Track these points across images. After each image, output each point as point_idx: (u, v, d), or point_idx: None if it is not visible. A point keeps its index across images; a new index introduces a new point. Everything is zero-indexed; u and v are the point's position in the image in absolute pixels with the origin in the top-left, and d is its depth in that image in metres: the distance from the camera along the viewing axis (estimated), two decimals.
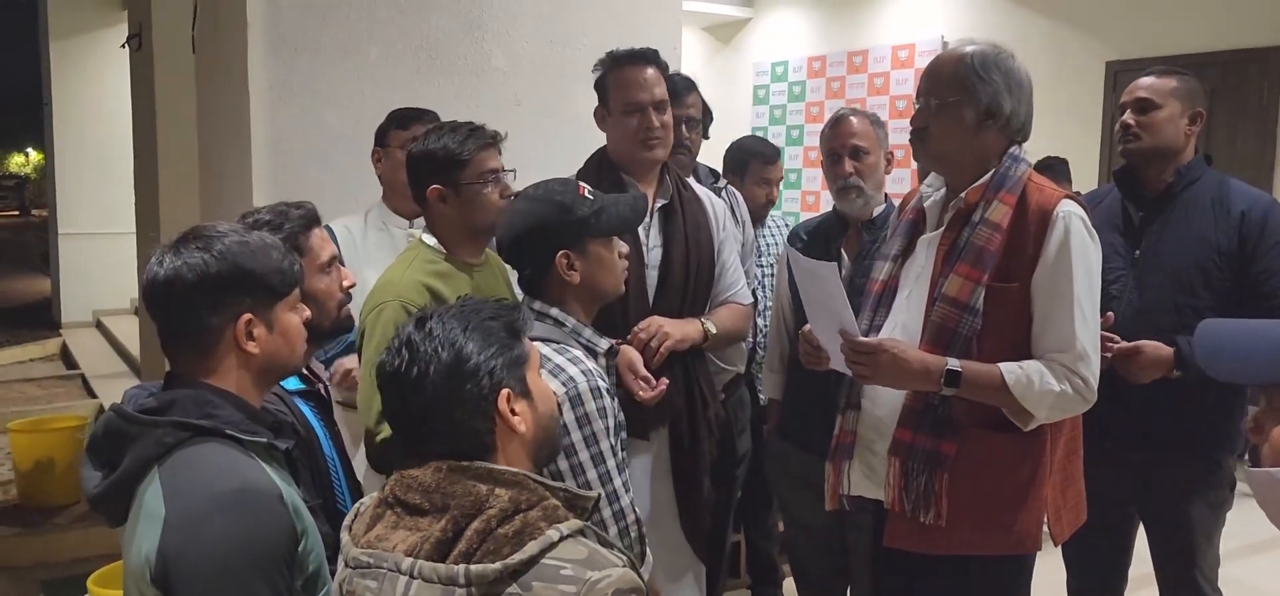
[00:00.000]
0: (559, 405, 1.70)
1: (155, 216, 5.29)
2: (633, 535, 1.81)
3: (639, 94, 2.53)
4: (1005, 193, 2.05)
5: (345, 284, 1.98)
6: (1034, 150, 2.23)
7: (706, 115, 3.34)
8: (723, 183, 3.39)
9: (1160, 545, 2.68)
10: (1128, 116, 2.64)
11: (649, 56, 2.57)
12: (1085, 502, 2.27)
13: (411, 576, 1.27)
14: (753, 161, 3.59)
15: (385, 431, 2.08)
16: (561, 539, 1.27)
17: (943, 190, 2.21)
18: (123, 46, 5.91)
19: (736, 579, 3.78)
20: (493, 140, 2.29)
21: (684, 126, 3.14)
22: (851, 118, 2.79)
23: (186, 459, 1.40)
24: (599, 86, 2.62)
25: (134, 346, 7.91)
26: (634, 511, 1.83)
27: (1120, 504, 2.66)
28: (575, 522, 1.31)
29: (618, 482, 1.79)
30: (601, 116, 2.62)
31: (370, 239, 2.85)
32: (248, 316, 1.50)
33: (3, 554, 4.49)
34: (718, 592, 2.94)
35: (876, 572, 2.37)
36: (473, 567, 1.24)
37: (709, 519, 2.58)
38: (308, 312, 1.62)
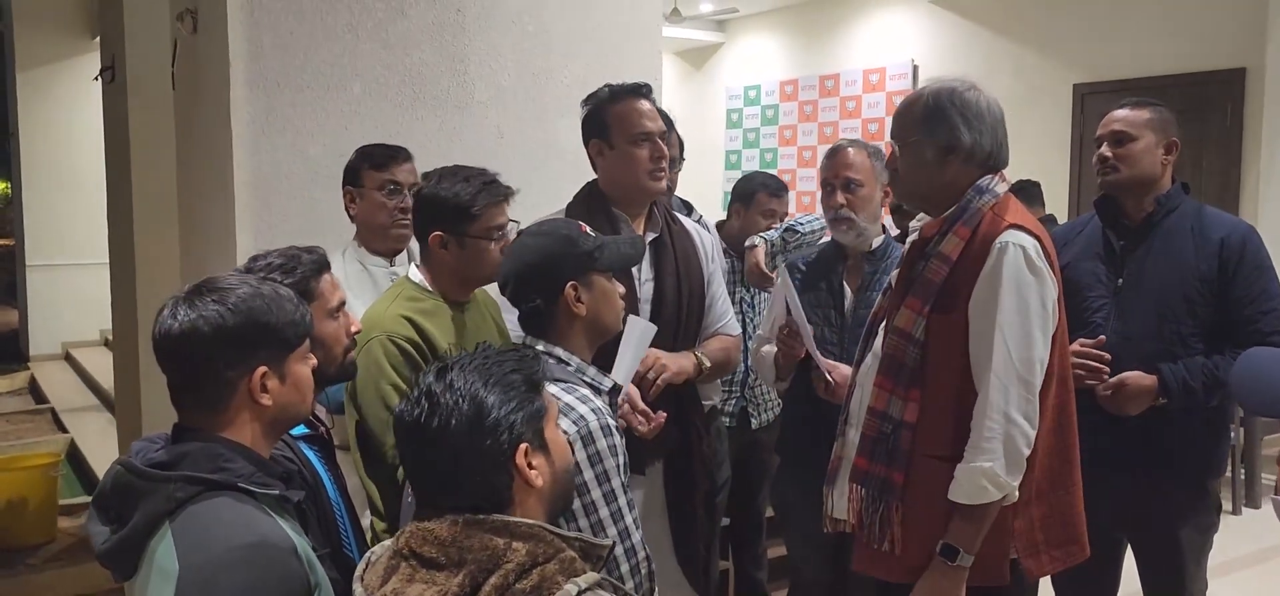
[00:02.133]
0: (571, 444, 1.71)
1: (130, 249, 5.22)
2: (643, 572, 1.83)
3: (647, 123, 2.54)
4: (961, 224, 2.09)
5: (351, 329, 1.98)
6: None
7: (681, 152, 3.37)
8: (699, 214, 3.41)
9: (1149, 570, 2.72)
10: (1105, 149, 2.68)
11: (646, 91, 2.60)
12: (1084, 540, 2.24)
13: None
14: (759, 193, 3.60)
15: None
16: (579, 593, 1.27)
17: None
18: (95, 79, 5.84)
19: None
20: (505, 195, 2.29)
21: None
22: (849, 149, 2.79)
23: (199, 514, 1.39)
24: (594, 121, 2.60)
25: (103, 379, 7.80)
26: (645, 548, 1.85)
27: (1108, 529, 2.69)
28: (592, 576, 1.31)
29: (629, 520, 1.81)
30: (598, 150, 2.60)
31: (350, 278, 2.84)
32: (263, 369, 1.49)
33: None
34: None
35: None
36: None
37: (703, 551, 2.60)
38: (314, 361, 1.61)
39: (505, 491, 1.37)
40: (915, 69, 8.18)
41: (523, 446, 1.38)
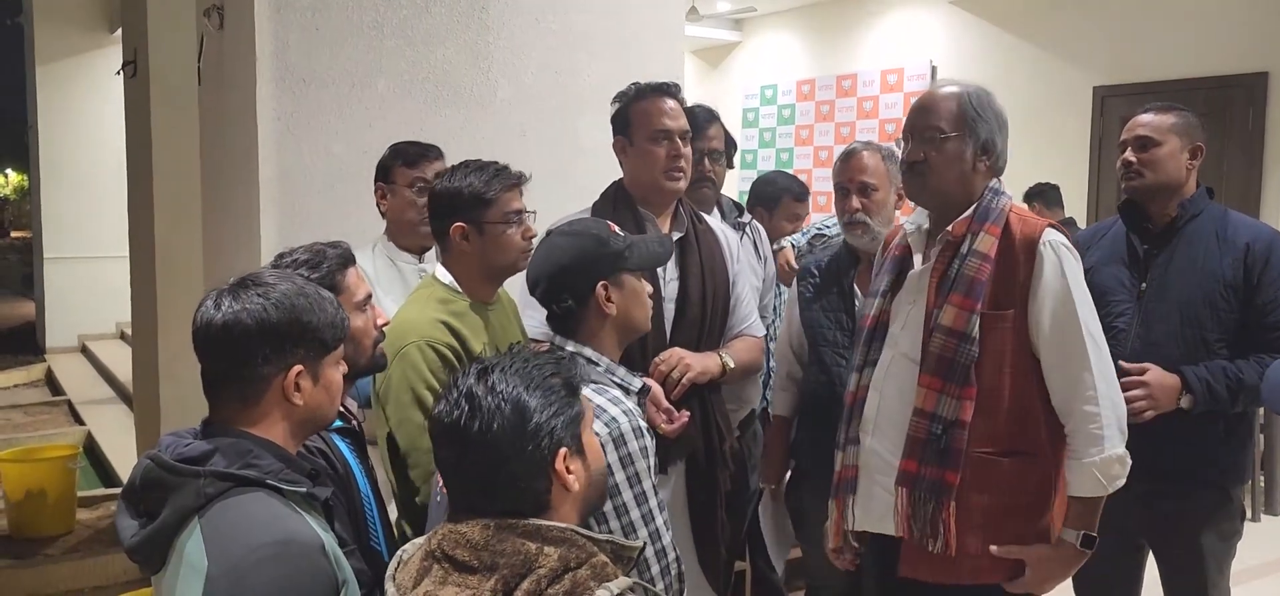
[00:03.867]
0: (603, 446, 1.71)
1: (151, 244, 5.25)
2: (673, 573, 1.84)
3: (666, 121, 2.55)
4: (990, 224, 2.12)
5: (379, 322, 1.98)
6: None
7: (730, 145, 3.34)
8: (748, 218, 3.41)
9: (1172, 576, 2.70)
10: (1129, 154, 2.67)
11: (671, 90, 2.60)
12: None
13: None
14: (784, 198, 3.59)
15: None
16: None
17: (925, 225, 2.27)
18: (117, 73, 5.87)
19: None
20: (517, 181, 2.31)
21: (706, 160, 3.16)
22: (863, 153, 2.79)
23: (228, 510, 1.40)
24: (619, 118, 2.62)
25: (119, 372, 7.85)
26: (675, 549, 1.86)
27: (1131, 535, 2.68)
28: (625, 580, 1.31)
29: (659, 521, 1.81)
30: (621, 147, 2.62)
31: (380, 274, 2.85)
32: (299, 368, 1.50)
33: None
34: None
35: None
36: None
37: (724, 553, 2.59)
38: (345, 367, 1.62)
39: (544, 495, 1.37)
40: (934, 70, 8.15)
41: (562, 451, 1.38)
